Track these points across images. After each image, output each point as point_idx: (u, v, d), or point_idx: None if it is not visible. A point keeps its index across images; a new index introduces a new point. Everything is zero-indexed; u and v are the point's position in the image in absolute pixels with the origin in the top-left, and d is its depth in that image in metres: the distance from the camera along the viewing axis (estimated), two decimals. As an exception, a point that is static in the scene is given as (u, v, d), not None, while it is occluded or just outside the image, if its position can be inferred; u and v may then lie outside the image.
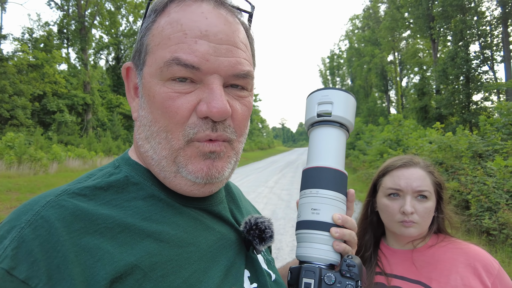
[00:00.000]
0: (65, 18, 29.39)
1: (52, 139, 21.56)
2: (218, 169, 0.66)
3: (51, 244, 0.49)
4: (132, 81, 0.73)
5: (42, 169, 15.32)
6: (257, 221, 0.76)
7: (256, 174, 18.51)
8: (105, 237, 0.54)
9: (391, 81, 40.55)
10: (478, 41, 22.33)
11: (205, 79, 0.62)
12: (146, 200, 0.64)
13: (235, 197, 0.88)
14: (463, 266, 1.17)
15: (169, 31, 0.63)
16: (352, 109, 0.84)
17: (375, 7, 42.60)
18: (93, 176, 0.65)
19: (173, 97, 0.62)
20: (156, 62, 0.63)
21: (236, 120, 0.68)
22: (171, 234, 0.62)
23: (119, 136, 28.17)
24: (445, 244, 1.27)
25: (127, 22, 34.99)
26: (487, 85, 20.41)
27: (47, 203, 0.54)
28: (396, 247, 1.35)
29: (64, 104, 25.45)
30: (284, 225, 7.54)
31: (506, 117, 8.78)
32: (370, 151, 16.47)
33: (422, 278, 1.21)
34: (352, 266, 0.71)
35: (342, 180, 0.79)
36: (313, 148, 0.83)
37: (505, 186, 6.16)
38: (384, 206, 1.30)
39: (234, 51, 0.65)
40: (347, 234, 0.74)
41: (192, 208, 0.70)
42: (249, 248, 0.77)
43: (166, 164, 0.65)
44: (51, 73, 24.12)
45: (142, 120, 0.67)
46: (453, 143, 8.67)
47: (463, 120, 20.83)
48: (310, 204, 0.77)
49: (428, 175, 1.29)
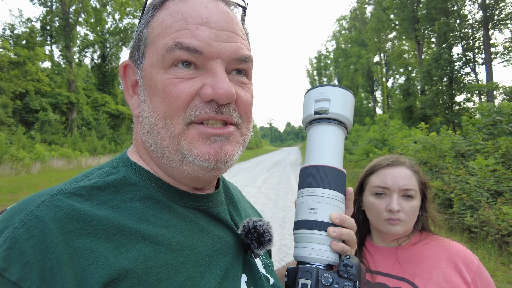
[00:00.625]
0: (48, 14, 28.66)
1: (35, 139, 21.04)
2: (227, 152, 0.64)
3: (44, 245, 0.48)
4: (130, 79, 0.72)
5: (24, 169, 14.93)
6: (255, 225, 0.75)
7: (243, 174, 18.49)
8: (100, 239, 0.53)
9: (377, 82, 41.16)
10: (461, 44, 22.87)
11: (208, 64, 0.62)
12: (143, 201, 0.63)
13: (234, 199, 0.87)
14: (445, 263, 1.20)
15: (169, 21, 0.63)
16: (350, 106, 0.82)
17: (361, 9, 43.10)
18: (90, 175, 0.64)
19: (175, 82, 0.61)
20: (158, 51, 0.63)
21: (241, 106, 0.67)
22: (167, 237, 0.60)
23: (104, 135, 27.70)
24: (428, 241, 1.31)
25: (113, 20, 34.40)
26: (469, 87, 20.98)
27: (42, 203, 0.53)
28: (380, 245, 1.37)
29: (47, 103, 24.83)
30: (272, 224, 7.55)
31: (487, 117, 9.03)
32: (356, 151, 16.69)
33: (405, 274, 1.23)
34: (350, 266, 0.69)
35: (340, 178, 0.77)
36: (311, 147, 0.81)
37: (486, 185, 6.33)
38: (371, 205, 1.32)
39: (235, 37, 0.65)
40: (345, 234, 0.73)
41: (191, 209, 0.69)
42: (247, 251, 0.76)
43: (169, 155, 0.64)
44: (34, 71, 23.49)
45: (143, 114, 0.66)
46: (437, 143, 8.87)
47: (446, 120, 21.32)
48: (307, 204, 0.75)
49: (414, 175, 1.31)
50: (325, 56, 65.76)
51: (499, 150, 7.19)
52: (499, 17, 20.77)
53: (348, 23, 49.99)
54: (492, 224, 5.50)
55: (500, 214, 5.47)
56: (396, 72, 36.81)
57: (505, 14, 20.57)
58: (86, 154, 21.11)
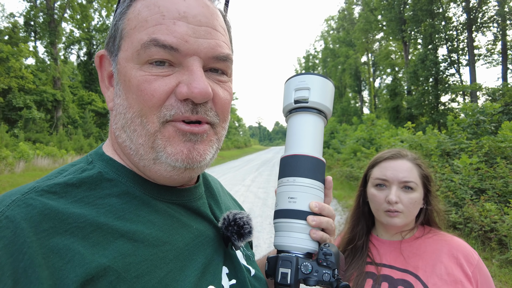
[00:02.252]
0: (32, 9, 27.92)
1: (19, 137, 20.51)
2: (199, 152, 0.63)
3: (16, 246, 0.46)
4: (106, 70, 0.70)
5: (7, 168, 14.54)
6: (235, 217, 0.75)
7: (232, 173, 18.45)
8: (76, 237, 0.51)
9: (364, 82, 41.62)
10: (446, 45, 23.35)
11: (184, 61, 0.60)
12: (120, 197, 0.61)
13: (213, 192, 0.86)
14: (447, 257, 1.24)
15: (146, 14, 0.60)
16: (330, 95, 0.82)
17: (349, 9, 43.49)
18: (64, 172, 0.62)
19: (150, 80, 0.59)
20: (133, 45, 0.60)
21: (219, 105, 0.66)
22: (145, 233, 0.59)
23: (91, 134, 27.19)
24: (431, 235, 1.34)
25: (100, 16, 33.81)
26: (454, 87, 21.45)
27: (13, 202, 0.51)
28: (385, 238, 1.40)
29: (32, 100, 24.22)
30: (261, 222, 7.58)
31: (470, 117, 9.25)
32: (344, 150, 16.86)
33: (409, 267, 1.27)
34: (329, 254, 0.70)
35: (319, 167, 0.78)
36: (290, 136, 0.81)
37: (470, 183, 6.50)
38: (372, 196, 1.36)
39: (214, 33, 0.63)
40: (324, 222, 0.74)
41: (169, 203, 0.68)
42: (228, 244, 0.76)
43: (144, 152, 0.62)
44: (17, 67, 22.89)
45: (118, 109, 0.64)
46: (423, 142, 9.04)
47: (432, 120, 21.75)
48: (287, 193, 0.76)
49: (415, 167, 1.34)
50: (314, 56, 66.09)
51: (482, 149, 7.37)
52: (482, 20, 21.29)
53: (336, 23, 50.36)
54: (475, 221, 5.65)
55: (483, 211, 5.62)
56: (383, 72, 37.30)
57: (488, 17, 21.10)
58: (72, 153, 20.68)
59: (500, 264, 4.86)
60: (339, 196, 10.54)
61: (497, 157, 6.87)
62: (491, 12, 20.88)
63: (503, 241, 5.18)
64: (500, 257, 4.94)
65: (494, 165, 6.69)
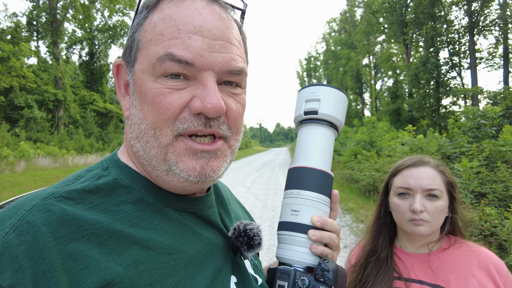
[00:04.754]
0: (35, 9, 27.99)
1: (20, 136, 20.54)
2: (213, 168, 0.65)
3: (37, 251, 0.47)
4: (123, 79, 0.71)
5: (8, 167, 14.56)
6: (246, 228, 0.75)
7: (233, 174, 18.45)
8: (92, 243, 0.52)
9: (365, 84, 41.61)
10: (447, 48, 23.32)
11: (199, 75, 0.61)
12: (134, 205, 0.62)
13: (224, 200, 0.87)
14: (478, 270, 1.19)
15: (162, 27, 0.61)
16: (342, 107, 0.80)
17: (351, 11, 43.50)
18: (81, 178, 0.63)
19: (165, 93, 0.60)
20: (149, 58, 0.62)
21: (231, 118, 0.67)
22: (158, 241, 0.60)
23: (92, 133, 27.23)
24: (458, 246, 1.28)
25: (102, 16, 33.83)
26: (455, 90, 21.41)
27: (33, 207, 0.52)
28: (410, 250, 1.34)
29: (33, 100, 24.27)
30: (260, 224, 7.57)
31: (471, 121, 9.24)
32: (345, 152, 16.85)
33: (440, 281, 1.21)
34: (327, 271, 0.69)
35: (326, 181, 0.76)
36: (299, 147, 0.80)
37: (470, 187, 6.49)
38: (395, 205, 1.31)
39: (228, 47, 0.64)
40: (325, 237, 0.74)
41: (181, 211, 0.69)
42: (236, 253, 0.76)
43: (156, 163, 0.63)
44: (18, 67, 22.94)
45: (133, 119, 0.66)
46: (424, 145, 9.02)
47: (433, 123, 21.72)
48: (290, 205, 0.76)
49: (439, 174, 1.29)
50: (315, 58, 66.08)
51: (483, 153, 7.36)
52: (484, 23, 21.27)
53: (338, 25, 50.38)
54: (475, 225, 5.64)
55: (484, 215, 5.61)
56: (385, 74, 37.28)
57: (490, 20, 21.08)
58: (73, 153, 20.72)
59: (500, 268, 4.85)
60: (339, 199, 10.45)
61: (497, 161, 6.85)
62: (493, 15, 20.87)
63: (503, 246, 5.17)
64: (500, 262, 4.93)
65: (495, 169, 6.67)
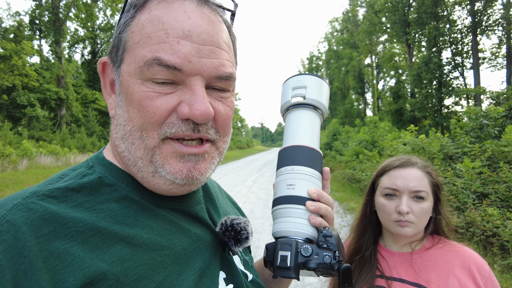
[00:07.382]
0: (37, 8, 28.05)
1: (22, 135, 20.63)
2: (201, 171, 0.65)
3: (17, 250, 0.47)
4: (109, 77, 0.70)
5: (10, 166, 14.61)
6: (233, 222, 0.75)
7: (234, 173, 18.46)
8: (75, 241, 0.52)
9: (367, 84, 41.55)
10: (450, 48, 23.26)
11: (187, 80, 0.60)
12: (119, 202, 0.62)
13: (212, 196, 0.86)
14: (459, 269, 1.19)
15: (150, 30, 0.59)
16: (326, 94, 0.85)
17: (354, 11, 43.44)
18: (65, 177, 0.63)
19: (152, 96, 0.59)
20: (136, 60, 0.60)
21: (219, 122, 0.67)
22: (144, 237, 0.60)
23: (94, 132, 27.30)
24: (441, 246, 1.29)
25: (104, 15, 33.90)
26: (458, 90, 21.35)
27: (14, 206, 0.52)
28: (393, 249, 1.35)
29: (35, 98, 24.35)
30: (262, 224, 7.58)
31: (474, 121, 9.20)
32: (347, 152, 16.82)
33: (421, 280, 1.21)
34: (329, 236, 0.70)
35: (317, 158, 0.79)
36: (288, 130, 0.83)
37: (472, 187, 6.46)
38: (381, 206, 1.30)
39: (217, 52, 0.62)
40: (323, 208, 0.75)
41: (168, 209, 0.68)
42: (225, 249, 0.76)
43: (142, 165, 0.63)
44: (20, 65, 23.00)
45: (118, 119, 0.65)
46: (426, 145, 9.00)
47: (435, 123, 21.65)
48: (285, 181, 0.77)
49: (425, 176, 1.28)
50: (317, 58, 66.12)
51: (485, 153, 7.33)
52: (487, 23, 21.18)
53: (340, 25, 50.31)
54: (477, 225, 5.62)
55: (485, 215, 5.59)
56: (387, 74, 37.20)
57: (493, 20, 20.99)
58: (75, 151, 20.77)
59: (502, 269, 4.83)
60: (341, 198, 10.51)
61: (500, 162, 6.82)
62: (496, 15, 20.78)
63: (505, 246, 5.15)
64: (501, 263, 4.91)
65: (497, 170, 6.64)
